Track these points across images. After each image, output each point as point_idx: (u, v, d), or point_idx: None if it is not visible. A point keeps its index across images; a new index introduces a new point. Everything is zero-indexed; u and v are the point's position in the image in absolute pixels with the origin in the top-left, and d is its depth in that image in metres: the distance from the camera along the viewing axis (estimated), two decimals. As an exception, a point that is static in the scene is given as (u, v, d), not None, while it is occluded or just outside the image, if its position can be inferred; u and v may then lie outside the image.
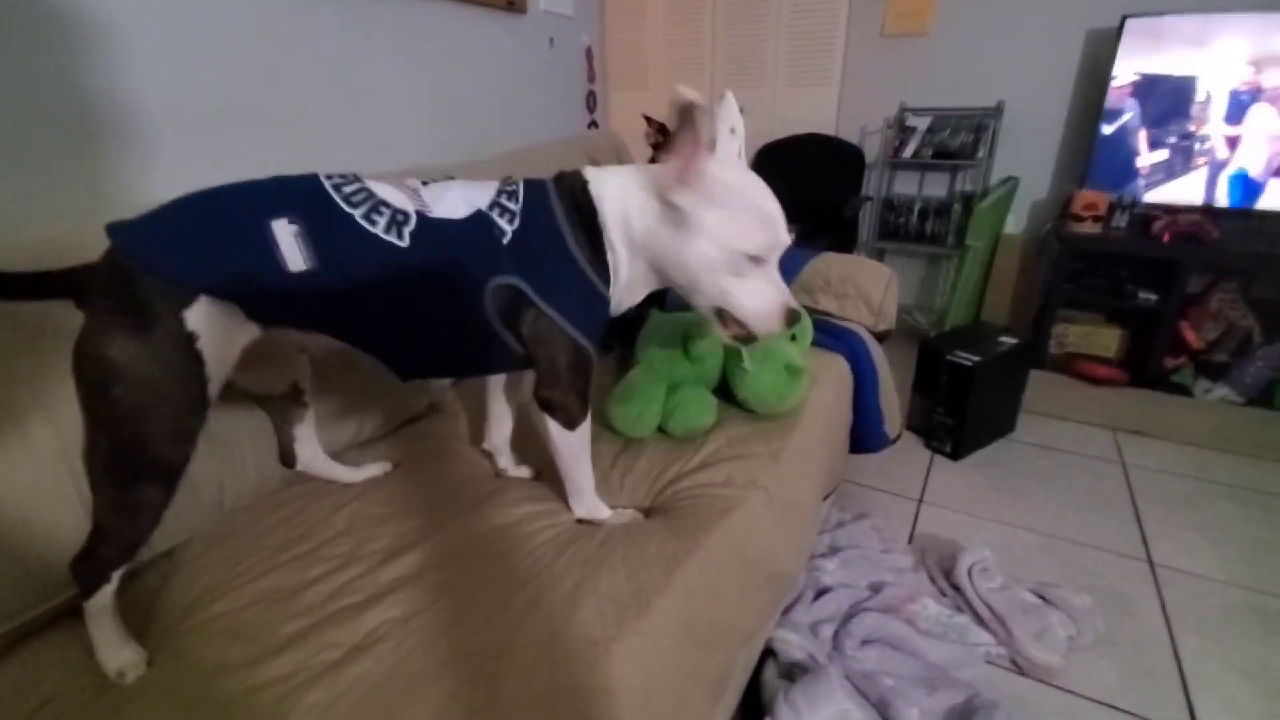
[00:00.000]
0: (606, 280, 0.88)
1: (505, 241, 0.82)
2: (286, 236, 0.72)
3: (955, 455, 2.00)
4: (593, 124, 2.23)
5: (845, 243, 2.92)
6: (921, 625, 1.32)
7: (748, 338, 0.87)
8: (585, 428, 0.91)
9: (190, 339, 0.69)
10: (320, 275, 0.74)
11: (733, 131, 0.87)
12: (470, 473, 1.06)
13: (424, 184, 0.84)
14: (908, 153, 2.79)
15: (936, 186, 2.92)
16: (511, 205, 0.84)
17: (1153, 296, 2.32)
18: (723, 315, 0.87)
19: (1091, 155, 2.44)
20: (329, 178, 0.78)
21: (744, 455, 1.05)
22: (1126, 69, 2.31)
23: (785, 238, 0.84)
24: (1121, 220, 2.35)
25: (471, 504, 0.96)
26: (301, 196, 0.75)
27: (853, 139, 2.95)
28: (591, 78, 2.20)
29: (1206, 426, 2.13)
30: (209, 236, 0.71)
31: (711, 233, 0.80)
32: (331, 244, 0.74)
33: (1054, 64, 2.59)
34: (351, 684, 0.67)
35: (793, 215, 0.88)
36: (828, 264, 1.66)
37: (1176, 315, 2.33)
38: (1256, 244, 2.19)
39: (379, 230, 0.76)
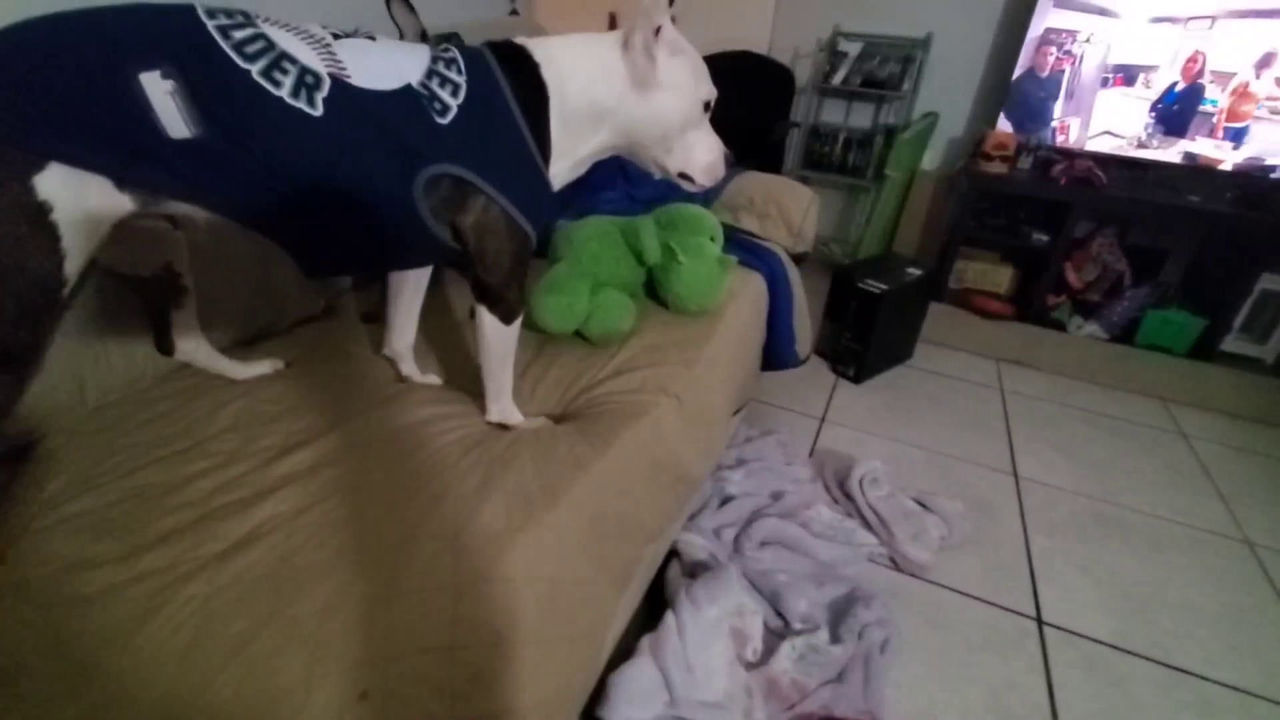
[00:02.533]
0: (547, 156, 0.83)
1: (447, 120, 0.72)
2: (160, 95, 0.59)
3: (857, 379, 2.11)
4: (513, 12, 2.05)
5: (770, 168, 2.91)
6: (815, 529, 1.42)
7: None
8: (519, 321, 0.88)
9: (41, 209, 0.57)
10: (209, 144, 0.62)
11: None
12: (371, 375, 1.00)
13: (335, 36, 0.71)
14: (837, 79, 2.77)
15: (862, 117, 2.94)
16: (454, 76, 0.74)
17: (1044, 237, 2.48)
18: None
19: (1005, 96, 2.51)
20: (210, 15, 0.63)
21: (658, 363, 1.05)
22: (1045, 11, 2.36)
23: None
24: (1027, 162, 2.47)
25: (372, 404, 0.91)
26: (176, 40, 0.61)
27: (785, 60, 2.89)
28: (513, -41, 2.01)
29: (1075, 359, 2.35)
30: (55, 88, 0.56)
31: (679, 84, 0.84)
32: (221, 106, 0.62)
33: (982, 1, 2.61)
34: (235, 576, 0.63)
35: (721, 136, 0.93)
36: (751, 183, 1.65)
37: (1063, 256, 2.51)
38: (1136, 191, 2.36)
39: (283, 93, 0.64)
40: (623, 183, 1.50)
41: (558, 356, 1.09)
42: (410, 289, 1.00)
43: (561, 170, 0.86)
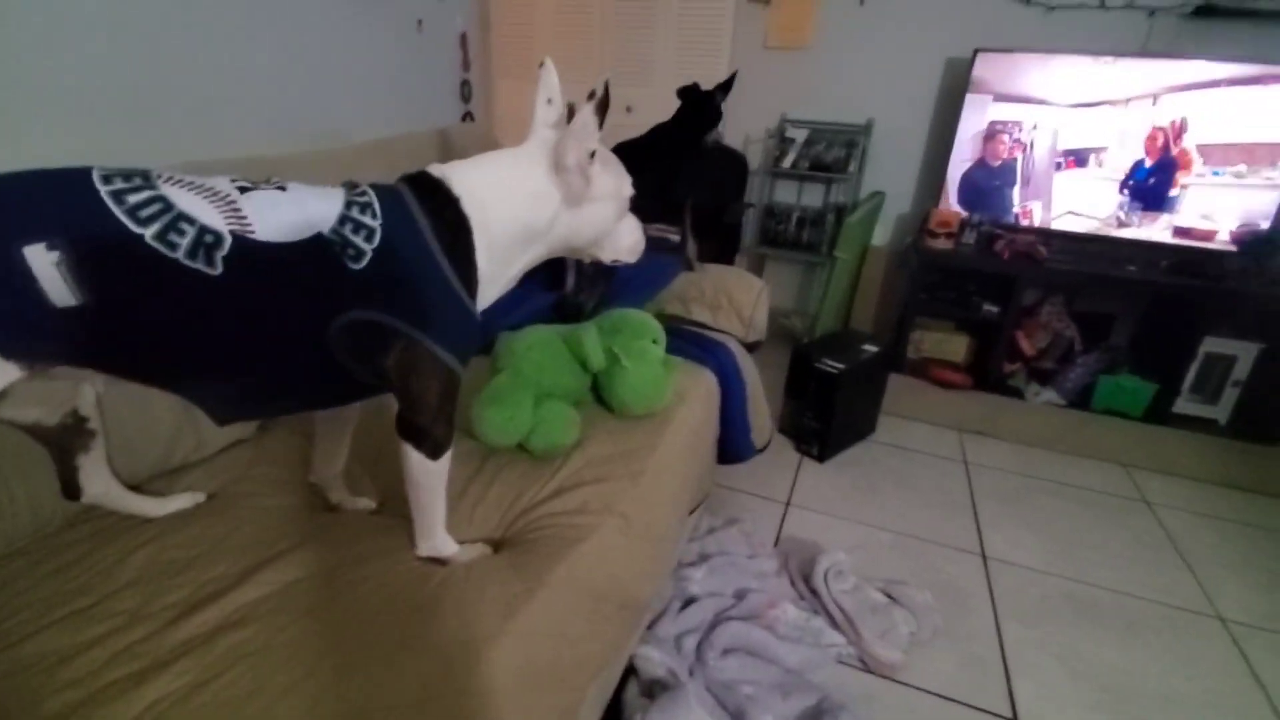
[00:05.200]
0: (474, 289, 0.82)
1: (361, 265, 0.71)
2: (45, 267, 0.57)
3: (821, 457, 2.09)
4: (467, 115, 2.12)
5: (729, 247, 2.99)
6: (781, 630, 1.36)
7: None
8: (449, 455, 0.84)
9: None
10: (99, 311, 0.60)
11: (550, 102, 0.87)
12: (296, 506, 0.95)
13: (242, 190, 0.69)
14: (787, 163, 2.89)
15: (813, 196, 3.05)
16: (368, 220, 0.73)
17: (995, 308, 2.55)
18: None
19: (946, 176, 2.63)
20: (107, 179, 0.62)
21: (603, 478, 1.02)
22: (979, 96, 2.51)
23: None
24: (970, 238, 2.56)
25: (294, 542, 0.86)
26: (66, 209, 0.59)
27: (738, 145, 3.02)
28: (466, 66, 2.09)
29: (1035, 427, 2.37)
30: None
31: (609, 192, 0.89)
32: (112, 274, 0.60)
33: (917, 88, 2.77)
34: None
35: (679, 218, 0.97)
36: (702, 275, 1.67)
37: (1014, 325, 2.58)
38: (1078, 263, 2.46)
39: (179, 255, 0.62)
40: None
41: (499, 473, 1.05)
42: (340, 415, 0.96)
43: (492, 293, 0.86)
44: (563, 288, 1.51)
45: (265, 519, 0.92)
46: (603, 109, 0.82)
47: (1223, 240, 2.37)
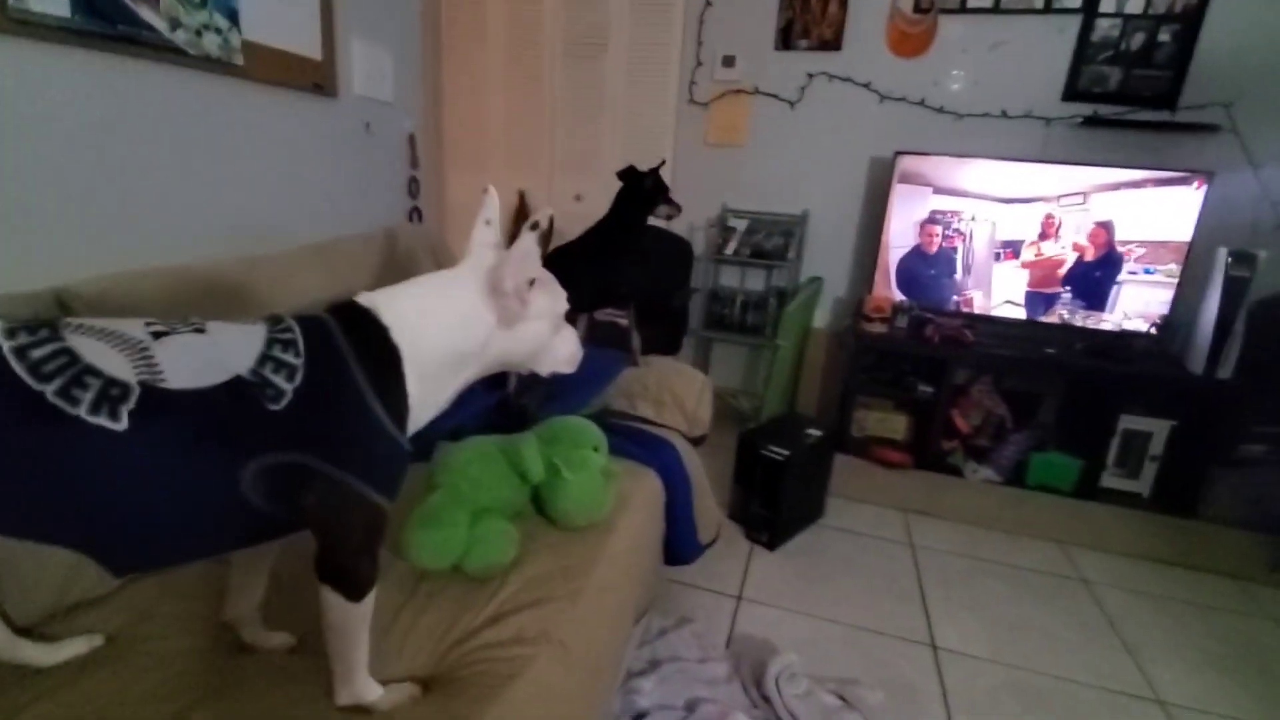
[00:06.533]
0: (405, 420, 0.80)
1: (281, 405, 0.69)
2: None
3: (771, 545, 2.09)
4: (414, 209, 2.15)
5: (677, 331, 3.06)
6: (733, 745, 1.31)
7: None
8: (372, 595, 0.79)
9: None
10: None
11: (488, 223, 0.90)
12: (204, 648, 0.88)
13: (158, 335, 0.67)
14: (729, 250, 3.02)
15: (756, 281, 3.18)
16: (289, 358, 0.72)
17: (929, 388, 2.66)
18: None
19: (878, 262, 2.79)
20: (10, 333, 0.60)
21: (541, 600, 0.99)
22: (905, 197, 2.71)
23: None
24: (902, 322, 2.69)
25: (197, 697, 0.80)
26: None
27: (683, 232, 3.14)
28: (415, 164, 2.13)
29: (975, 505, 2.44)
30: None
31: (545, 311, 0.91)
32: (5, 435, 0.58)
33: (847, 182, 2.97)
34: None
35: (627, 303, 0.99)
36: (646, 370, 1.70)
37: (948, 404, 2.68)
38: (1001, 346, 2.61)
39: (81, 411, 0.59)
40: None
41: (433, 598, 1.01)
42: (258, 548, 0.91)
43: (425, 417, 0.85)
44: (504, 388, 1.50)
45: (169, 666, 0.85)
46: (545, 240, 0.85)
47: (1131, 325, 2.56)
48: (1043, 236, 2.60)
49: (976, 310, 2.73)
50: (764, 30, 2.90)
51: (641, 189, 1.70)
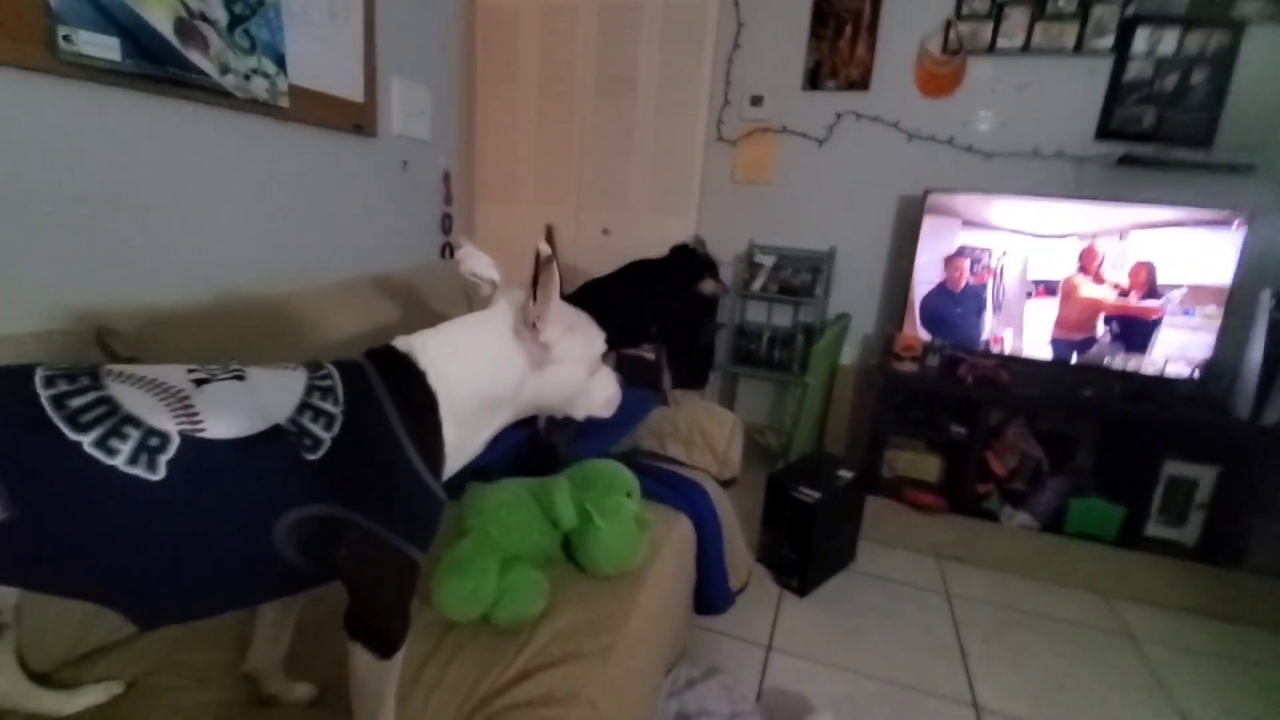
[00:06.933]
0: (440, 467, 0.78)
1: (319, 455, 0.68)
2: None
3: (802, 591, 2.02)
4: (446, 245, 2.17)
5: (703, 366, 3.03)
6: (766, 810, 1.25)
7: None
8: (400, 654, 0.77)
9: None
10: (22, 525, 0.55)
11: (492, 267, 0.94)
12: (222, 702, 0.86)
13: (200, 382, 0.67)
14: (756, 286, 3.00)
15: (783, 317, 3.15)
16: (328, 406, 0.71)
17: (963, 429, 2.59)
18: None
19: (906, 302, 2.75)
20: (50, 381, 0.59)
21: (571, 656, 0.95)
22: (934, 233, 2.68)
23: None
24: (934, 361, 2.64)
25: (222, 754, 0.77)
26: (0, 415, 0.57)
27: (708, 268, 3.13)
28: (449, 200, 2.16)
29: (1012, 552, 2.34)
30: None
31: (575, 355, 0.89)
32: (41, 485, 0.56)
33: (875, 220, 2.95)
34: None
35: (654, 337, 0.98)
36: (676, 410, 1.67)
37: (983, 446, 2.61)
38: (1036, 387, 2.54)
39: (118, 462, 0.58)
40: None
41: (459, 650, 0.98)
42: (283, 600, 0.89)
43: (458, 463, 0.83)
44: (533, 425, 1.49)
45: (188, 718, 0.82)
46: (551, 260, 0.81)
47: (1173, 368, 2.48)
48: (1083, 271, 2.54)
49: (1008, 350, 2.66)
50: (792, 71, 2.93)
51: (693, 260, 1.73)
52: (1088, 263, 2.53)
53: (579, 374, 0.91)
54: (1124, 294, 2.51)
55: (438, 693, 0.90)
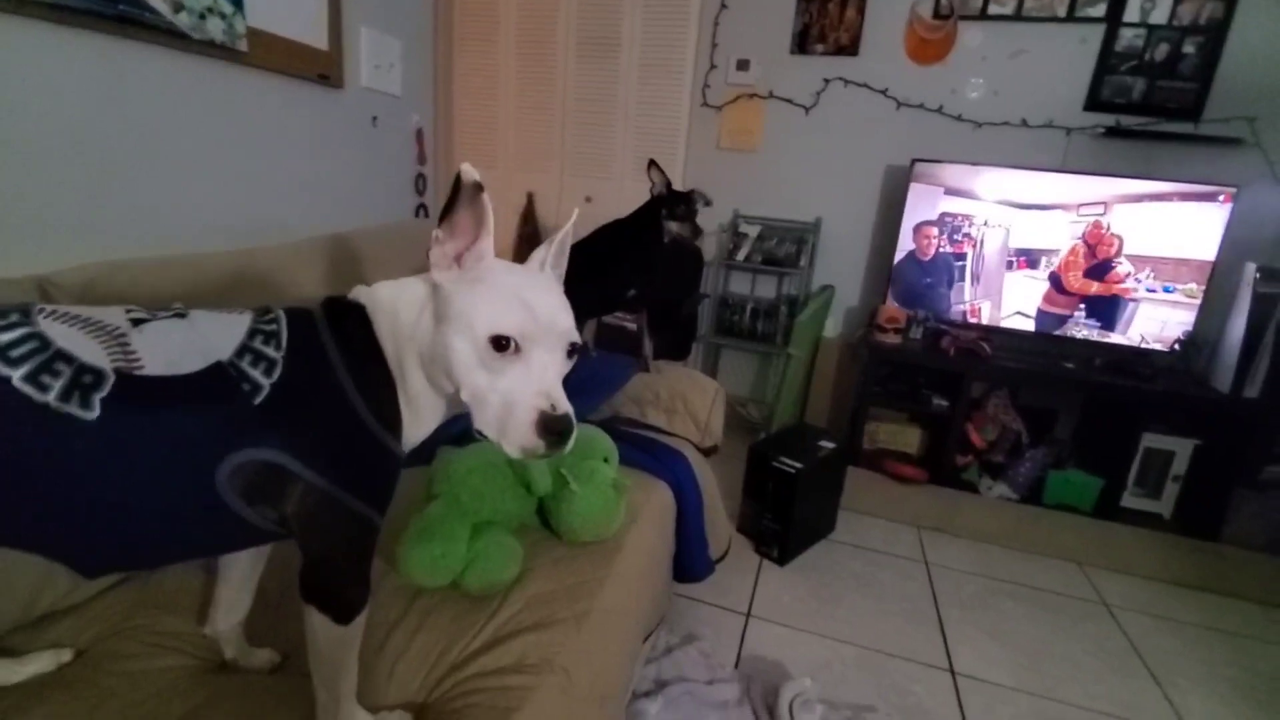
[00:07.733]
0: (397, 424, 0.73)
1: (259, 400, 0.64)
2: None
3: (782, 560, 2.01)
4: (421, 207, 2.09)
5: (686, 337, 2.99)
6: (743, 776, 1.24)
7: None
8: (362, 617, 0.73)
9: None
10: None
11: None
12: (179, 668, 0.82)
13: (138, 322, 0.63)
14: (740, 256, 2.96)
15: (766, 288, 3.11)
16: (269, 350, 0.66)
17: (944, 401, 2.58)
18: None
19: (890, 274, 2.72)
20: None
21: (544, 622, 0.92)
22: (916, 202, 2.64)
23: (552, 328, 0.69)
24: (917, 333, 2.62)
25: (171, 723, 0.73)
26: None
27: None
28: (422, 159, 2.08)
29: (991, 523, 2.36)
30: None
31: (461, 317, 0.67)
32: None
33: (861, 190, 2.91)
34: None
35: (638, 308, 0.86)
36: (658, 377, 1.63)
37: (963, 418, 2.61)
38: (1018, 359, 2.53)
39: (50, 397, 0.55)
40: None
41: (427, 617, 0.94)
42: (246, 558, 0.85)
43: (425, 421, 0.77)
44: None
45: (138, 689, 0.78)
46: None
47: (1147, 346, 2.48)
48: (1090, 255, 2.50)
49: (985, 321, 2.65)
50: (780, 34, 2.85)
51: (670, 199, 1.65)
52: (1096, 239, 2.48)
53: (460, 347, 0.67)
54: (1098, 268, 2.49)
55: (405, 658, 0.87)
